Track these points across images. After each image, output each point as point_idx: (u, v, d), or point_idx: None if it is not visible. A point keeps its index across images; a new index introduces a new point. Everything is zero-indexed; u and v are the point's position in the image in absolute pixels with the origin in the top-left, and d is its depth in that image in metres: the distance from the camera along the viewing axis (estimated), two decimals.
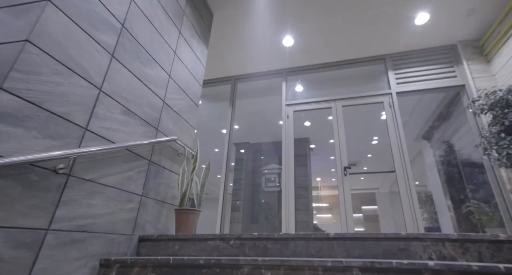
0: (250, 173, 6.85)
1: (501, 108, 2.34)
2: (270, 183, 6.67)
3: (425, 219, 5.79)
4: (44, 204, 1.22)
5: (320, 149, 7.38)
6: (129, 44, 1.85)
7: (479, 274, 1.04)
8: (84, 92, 1.47)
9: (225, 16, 3.34)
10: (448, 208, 4.70)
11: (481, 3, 3.09)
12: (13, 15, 1.27)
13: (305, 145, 6.88)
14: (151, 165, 2.00)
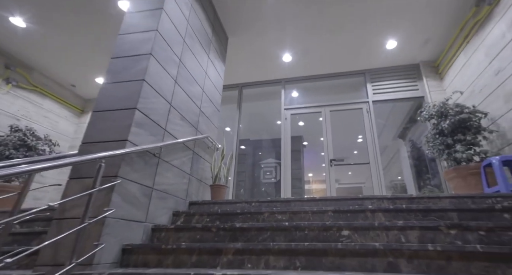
0: (250, 166, 7.76)
1: (438, 117, 3.31)
2: (268, 175, 7.60)
3: None
4: (151, 174, 2.12)
5: (312, 146, 8.33)
6: (183, 72, 2.73)
7: (393, 211, 1.99)
8: (163, 107, 2.36)
9: (236, 39, 4.22)
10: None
11: (434, 35, 4.07)
12: (134, 62, 2.15)
13: (299, 142, 7.82)
14: (194, 154, 2.89)
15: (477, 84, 3.50)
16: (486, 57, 3.30)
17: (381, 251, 1.48)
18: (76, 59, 4.63)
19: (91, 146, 1.90)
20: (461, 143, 3.02)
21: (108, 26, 3.92)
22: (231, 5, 3.60)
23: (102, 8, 3.63)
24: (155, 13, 2.39)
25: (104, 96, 2.07)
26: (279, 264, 1.55)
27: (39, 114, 4.80)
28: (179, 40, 2.68)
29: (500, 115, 3.07)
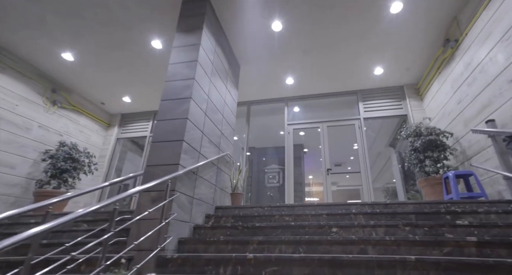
0: (256, 171, 8.52)
1: (413, 137, 4.08)
2: (272, 180, 8.38)
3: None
4: (192, 187, 2.89)
5: (312, 152, 9.09)
6: (209, 105, 3.50)
7: (370, 214, 2.75)
8: (198, 135, 3.13)
9: (247, 66, 4.99)
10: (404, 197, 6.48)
11: (413, 65, 4.84)
12: (178, 104, 2.92)
13: (300, 149, 8.59)
14: (218, 169, 3.66)
15: (446, 109, 4.27)
16: (451, 88, 4.07)
17: (356, 241, 2.24)
18: (107, 82, 5.40)
19: (153, 168, 2.67)
20: (430, 158, 3.79)
21: (137, 57, 4.70)
22: (243, 41, 4.37)
23: (135, 46, 4.41)
24: (191, 65, 3.16)
25: (159, 130, 2.85)
26: (289, 250, 2.32)
27: (77, 130, 5.58)
28: (207, 81, 3.46)
29: (461, 136, 3.84)
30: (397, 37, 4.22)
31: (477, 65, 3.43)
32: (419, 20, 3.91)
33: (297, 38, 4.26)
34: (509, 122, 2.91)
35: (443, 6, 3.69)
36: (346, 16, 3.84)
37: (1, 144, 4.20)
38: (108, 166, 6.13)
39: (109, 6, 3.65)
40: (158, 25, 4.01)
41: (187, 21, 3.43)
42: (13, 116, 4.39)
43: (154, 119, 6.54)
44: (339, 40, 4.31)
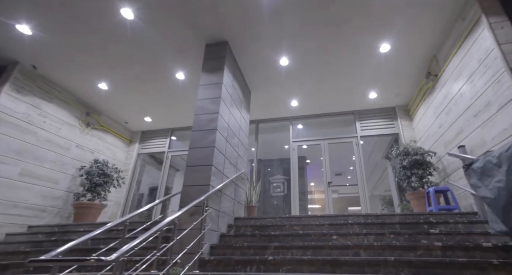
0: (262, 181, 9.16)
1: (402, 156, 4.75)
2: (276, 189, 9.01)
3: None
4: (218, 202, 3.56)
5: (314, 162, 9.75)
6: (229, 132, 4.19)
7: (363, 224, 3.40)
8: (222, 159, 3.81)
9: (257, 91, 5.69)
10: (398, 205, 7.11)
11: (402, 90, 5.54)
12: (206, 134, 3.61)
13: (303, 161, 9.25)
14: (235, 185, 4.33)
15: (430, 131, 4.95)
16: (434, 114, 4.76)
17: (351, 246, 2.90)
18: (132, 105, 6.11)
19: (189, 188, 3.34)
20: (416, 175, 4.45)
21: (161, 86, 5.41)
22: (255, 72, 5.07)
23: (161, 77, 5.12)
24: (216, 101, 3.86)
25: (192, 156, 3.53)
26: (299, 253, 2.97)
27: (105, 147, 6.27)
28: (227, 112, 4.15)
29: (442, 156, 4.51)
30: (387, 69, 4.93)
31: (451, 98, 4.12)
32: (404, 58, 4.62)
33: (301, 70, 4.96)
34: (475, 149, 3.58)
35: (424, 47, 4.40)
36: (343, 53, 4.54)
37: (50, 163, 4.89)
38: (131, 178, 6.80)
39: (143, 45, 4.37)
40: (183, 60, 4.72)
41: (211, 63, 4.14)
42: (57, 139, 5.08)
43: (171, 136, 7.24)
44: (337, 72, 5.01)
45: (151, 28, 3.97)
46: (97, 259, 1.45)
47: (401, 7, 3.66)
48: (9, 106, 4.27)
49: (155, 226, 2.16)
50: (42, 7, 3.60)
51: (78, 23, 3.85)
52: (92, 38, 4.12)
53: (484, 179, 2.63)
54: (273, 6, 3.62)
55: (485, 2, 3.30)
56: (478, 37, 3.39)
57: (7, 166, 4.22)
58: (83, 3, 3.55)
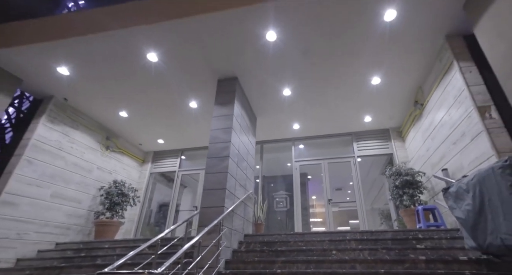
0: (265, 197, 9.58)
1: (395, 176, 5.24)
2: (280, 205, 9.42)
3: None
4: (231, 221, 4.03)
5: (315, 177, 10.18)
6: (239, 157, 4.71)
7: (359, 240, 3.86)
8: (233, 182, 4.31)
9: (262, 116, 6.25)
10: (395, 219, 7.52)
11: (395, 114, 6.10)
12: (220, 161, 4.13)
13: (305, 177, 9.69)
14: (244, 205, 4.81)
15: (419, 153, 5.47)
16: (422, 138, 5.30)
17: (348, 260, 3.36)
18: (147, 129, 6.68)
19: (206, 209, 3.83)
20: (407, 194, 4.94)
21: (176, 113, 5.98)
22: (261, 101, 5.64)
23: (176, 105, 5.70)
24: (227, 131, 4.41)
25: (208, 181, 4.03)
26: (302, 267, 3.43)
27: (121, 168, 6.78)
28: (237, 139, 4.70)
29: (430, 176, 5.01)
30: (379, 98, 5.50)
31: (435, 126, 4.67)
32: (393, 88, 5.21)
33: (302, 98, 5.55)
34: (456, 172, 4.09)
35: (410, 79, 4.99)
36: (339, 84, 5.12)
37: (75, 184, 5.39)
38: (144, 196, 7.28)
39: (163, 81, 4.97)
40: (197, 92, 5.31)
41: (222, 97, 4.72)
42: (82, 162, 5.61)
43: (181, 156, 7.76)
44: (335, 99, 5.59)
45: (171, 68, 4.58)
46: (149, 272, 1.95)
47: (387, 49, 4.27)
48: (44, 135, 4.83)
49: (186, 244, 2.65)
50: (80, 53, 4.22)
51: (108, 64, 4.47)
52: (119, 76, 4.73)
53: (458, 202, 3.13)
54: (277, 49, 4.23)
55: (457, 49, 3.90)
56: (452, 77, 3.97)
57: (42, 189, 4.73)
58: (114, 49, 4.17)
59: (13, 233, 4.27)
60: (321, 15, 3.67)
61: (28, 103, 5.01)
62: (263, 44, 4.15)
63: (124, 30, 3.85)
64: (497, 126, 3.33)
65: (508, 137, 3.25)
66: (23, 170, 4.43)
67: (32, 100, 5.09)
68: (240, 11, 3.62)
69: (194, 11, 3.68)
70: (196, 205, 7.08)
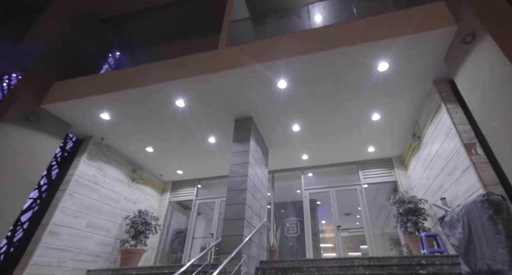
0: (277, 222, 9.87)
1: (400, 203, 5.63)
2: (290, 231, 9.68)
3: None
4: (248, 248, 4.47)
5: (324, 202, 10.49)
6: (255, 189, 5.23)
7: (367, 265, 4.23)
8: (250, 212, 4.80)
9: (273, 148, 6.83)
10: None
11: (395, 144, 6.61)
12: (239, 193, 4.66)
13: (314, 203, 10.01)
14: (260, 233, 5.24)
15: (421, 181, 5.89)
16: (422, 167, 5.75)
17: None
18: (168, 162, 7.31)
19: (227, 238, 4.30)
20: (411, 221, 5.30)
21: (195, 147, 6.61)
22: (272, 136, 6.26)
23: (196, 141, 6.35)
24: (244, 166, 4.98)
25: (228, 211, 4.54)
26: None
27: (144, 198, 7.35)
28: (253, 172, 5.25)
29: (431, 204, 5.39)
30: (380, 131, 6.06)
31: (432, 157, 5.15)
32: (392, 123, 5.78)
33: (309, 132, 6.14)
34: (453, 200, 4.50)
35: (407, 115, 5.55)
36: (342, 120, 5.71)
37: (106, 214, 5.95)
38: (163, 224, 7.74)
39: (187, 121, 5.66)
40: (216, 129, 5.98)
41: (239, 135, 5.36)
42: (112, 194, 6.21)
43: (198, 185, 8.30)
44: (339, 132, 6.16)
45: (195, 110, 5.29)
46: None
47: (383, 92, 4.89)
48: (84, 171, 5.49)
49: (216, 271, 3.13)
50: (120, 102, 4.98)
51: (142, 110, 5.21)
52: (150, 118, 5.46)
53: (452, 230, 3.54)
54: (287, 93, 4.91)
55: (443, 93, 4.50)
56: (442, 117, 4.53)
57: (79, 219, 5.29)
58: (149, 99, 4.92)
59: (54, 261, 4.78)
60: (325, 65, 4.35)
61: (71, 143, 5.74)
62: (275, 91, 4.84)
63: (158, 84, 4.61)
64: (482, 161, 3.82)
65: (493, 171, 3.72)
66: (66, 203, 5.04)
67: (75, 140, 5.83)
68: (256, 66, 4.35)
69: (218, 68, 4.43)
70: (212, 232, 7.47)
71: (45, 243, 4.63)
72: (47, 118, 4.95)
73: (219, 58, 4.60)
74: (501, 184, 3.58)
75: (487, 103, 3.39)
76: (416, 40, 3.94)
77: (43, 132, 4.85)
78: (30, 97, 4.66)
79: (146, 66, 4.81)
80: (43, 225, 4.69)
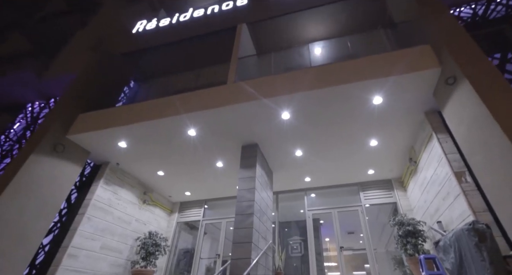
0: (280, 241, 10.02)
1: (399, 225, 5.89)
2: (294, 250, 9.83)
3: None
4: (255, 270, 4.73)
5: (327, 220, 10.66)
6: (261, 212, 5.54)
7: None
8: (257, 235, 5.09)
9: (277, 171, 7.18)
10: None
11: (394, 167, 6.94)
12: (246, 217, 4.98)
13: (317, 222, 10.20)
14: (266, 255, 5.49)
15: (419, 203, 6.18)
16: (419, 190, 6.05)
17: None
18: (177, 184, 7.67)
19: (236, 261, 4.58)
20: (410, 243, 5.54)
21: (204, 171, 6.98)
22: (277, 160, 6.62)
23: (204, 166, 6.73)
24: (251, 191, 5.33)
25: (236, 235, 4.84)
26: None
27: (153, 219, 7.65)
28: (259, 196, 5.58)
29: (430, 226, 5.65)
30: (378, 155, 6.42)
31: (427, 182, 5.48)
32: (390, 148, 6.15)
33: (312, 158, 6.51)
34: (449, 224, 4.78)
35: (403, 141, 5.93)
36: (342, 146, 6.10)
37: (118, 236, 6.25)
38: (171, 245, 7.98)
39: (196, 148, 6.07)
40: (223, 155, 6.37)
41: (246, 161, 5.74)
42: (124, 216, 6.54)
43: (205, 205, 8.60)
44: (340, 157, 6.53)
45: (205, 138, 5.72)
46: None
47: (379, 122, 5.30)
48: (101, 195, 5.86)
49: None
50: (137, 132, 5.42)
51: (156, 138, 5.65)
52: (163, 146, 5.89)
53: (446, 254, 3.83)
54: (290, 123, 5.32)
55: (434, 123, 4.89)
56: (434, 145, 4.91)
57: (94, 242, 5.60)
58: (163, 130, 5.37)
59: None
60: (323, 99, 4.79)
61: (89, 168, 6.15)
62: (279, 121, 5.27)
63: (172, 117, 5.07)
64: (471, 189, 4.15)
65: (481, 198, 4.04)
66: (84, 226, 5.37)
67: (93, 166, 6.24)
68: (261, 101, 4.80)
69: (227, 102, 4.90)
70: (218, 253, 7.69)
71: (65, 265, 4.92)
72: (70, 147, 5.39)
73: (228, 93, 5.07)
74: (489, 211, 3.89)
75: (470, 138, 3.78)
76: (407, 79, 4.39)
77: (67, 160, 5.27)
78: (57, 129, 5.13)
79: (160, 100, 5.30)
80: (63, 248, 5.00)
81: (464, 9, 6.13)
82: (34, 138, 4.85)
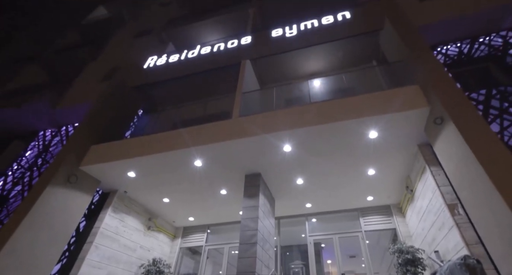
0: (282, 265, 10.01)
1: (398, 253, 6.03)
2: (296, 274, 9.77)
3: None
4: None
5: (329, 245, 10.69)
6: (264, 240, 5.70)
7: None
8: (261, 264, 5.23)
9: (279, 200, 7.39)
10: None
11: (391, 194, 7.17)
12: (250, 247, 5.15)
13: (319, 246, 10.24)
14: None
15: (417, 230, 6.35)
16: (417, 217, 6.25)
17: None
18: (181, 210, 7.85)
19: None
20: (410, 272, 5.67)
21: (208, 198, 7.20)
22: (279, 188, 6.86)
23: (208, 193, 6.96)
24: (254, 220, 5.53)
25: (241, 264, 4.99)
26: None
27: (157, 245, 7.75)
28: (262, 224, 5.77)
29: (428, 256, 5.80)
30: (376, 183, 6.67)
31: (424, 211, 5.70)
32: (387, 177, 6.42)
33: (313, 186, 6.76)
34: (445, 253, 4.96)
35: (399, 171, 6.21)
36: (342, 174, 6.37)
37: (123, 264, 6.36)
38: (174, 271, 8.02)
39: (202, 177, 6.34)
40: (227, 183, 6.63)
41: (249, 190, 5.99)
42: (129, 243, 6.68)
43: (207, 230, 8.71)
44: (340, 184, 6.78)
45: (210, 168, 6.00)
46: None
47: (375, 154, 5.61)
48: (109, 223, 6.05)
49: None
50: (145, 163, 5.72)
51: (163, 169, 5.93)
52: (170, 175, 6.16)
53: None
54: (291, 155, 5.63)
55: (427, 156, 5.20)
56: (427, 177, 5.19)
57: (100, 271, 5.72)
58: (171, 161, 5.67)
59: None
60: (322, 134, 5.14)
61: (97, 196, 6.38)
62: (281, 153, 5.59)
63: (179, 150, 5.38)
64: (464, 221, 4.38)
65: (473, 231, 4.26)
66: (92, 255, 5.52)
67: (101, 193, 6.48)
68: (265, 136, 5.14)
69: (232, 136, 5.23)
70: None
71: None
72: (82, 177, 5.66)
73: (233, 127, 5.43)
74: (481, 243, 4.10)
75: (459, 174, 4.07)
76: (400, 116, 4.75)
77: (79, 190, 5.52)
78: (72, 160, 5.42)
79: (169, 133, 5.64)
80: None
81: (451, 47, 6.64)
82: (50, 170, 5.13)
